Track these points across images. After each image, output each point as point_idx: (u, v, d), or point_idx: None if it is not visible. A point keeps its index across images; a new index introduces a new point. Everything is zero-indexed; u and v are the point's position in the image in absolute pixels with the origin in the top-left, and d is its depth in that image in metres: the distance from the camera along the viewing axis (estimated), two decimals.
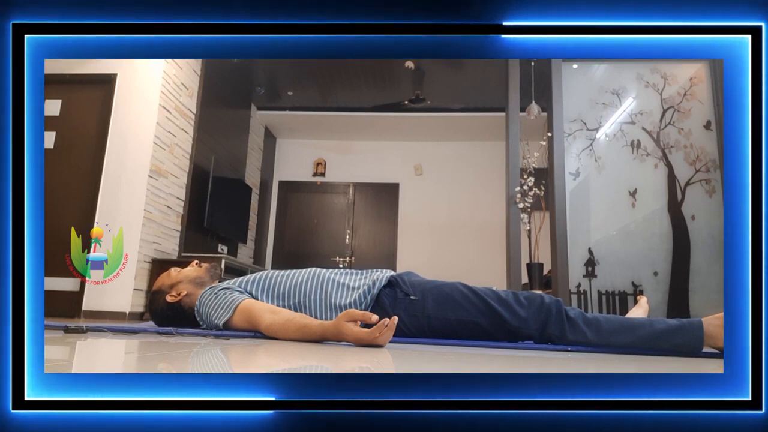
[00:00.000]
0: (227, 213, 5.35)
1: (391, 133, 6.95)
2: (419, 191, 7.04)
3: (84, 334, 1.58)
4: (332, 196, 7.22)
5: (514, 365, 1.15)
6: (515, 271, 3.62)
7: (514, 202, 3.73)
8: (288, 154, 7.28)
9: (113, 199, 3.98)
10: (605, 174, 3.61)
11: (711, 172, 3.54)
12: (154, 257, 4.15)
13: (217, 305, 1.59)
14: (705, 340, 1.38)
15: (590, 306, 3.43)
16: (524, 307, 1.54)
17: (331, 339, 1.37)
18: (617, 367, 1.15)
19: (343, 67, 5.43)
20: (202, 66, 4.85)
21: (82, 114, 4.17)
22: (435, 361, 1.17)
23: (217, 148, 5.24)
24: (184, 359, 1.09)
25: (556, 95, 3.66)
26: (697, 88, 3.65)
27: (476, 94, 5.97)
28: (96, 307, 3.79)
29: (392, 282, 1.65)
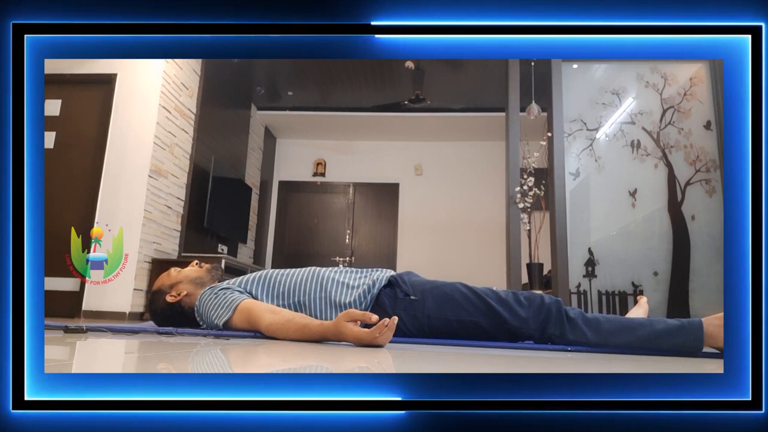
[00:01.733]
0: (227, 213, 5.35)
1: (391, 133, 6.95)
2: (419, 191, 7.04)
3: (84, 334, 1.58)
4: (332, 196, 7.22)
5: (514, 365, 1.15)
6: (515, 271, 3.62)
7: (514, 202, 3.73)
8: (288, 154, 7.28)
9: (113, 199, 3.98)
10: (605, 174, 3.61)
11: (711, 172, 3.54)
12: (154, 257, 4.15)
13: (217, 305, 1.58)
14: (705, 340, 1.38)
15: (590, 306, 3.43)
16: (524, 307, 1.54)
17: (331, 339, 1.37)
18: (617, 367, 1.15)
19: (343, 67, 5.43)
20: (202, 66, 4.85)
21: (82, 114, 4.17)
22: (434, 361, 1.17)
23: (217, 148, 5.24)
24: (184, 359, 1.09)
25: (556, 95, 3.66)
26: (697, 88, 3.65)
27: (476, 94, 5.97)
28: (96, 307, 3.79)
29: (392, 282, 1.65)
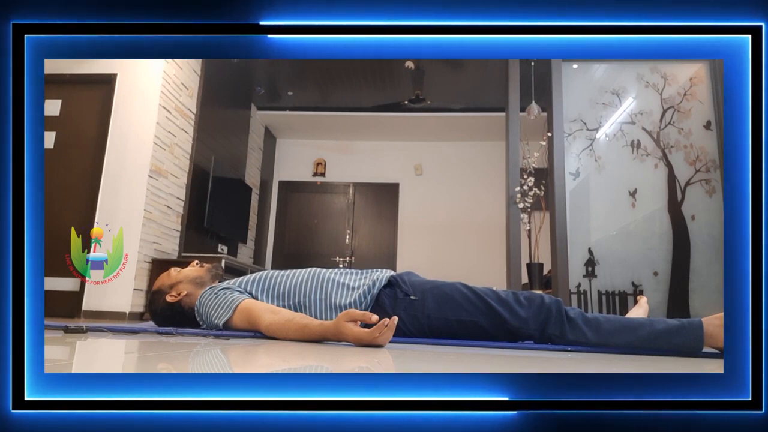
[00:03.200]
0: (227, 213, 5.35)
1: (391, 133, 6.95)
2: (419, 191, 7.04)
3: (84, 334, 1.58)
4: (332, 196, 7.22)
5: (514, 365, 1.15)
6: (515, 271, 3.62)
7: (514, 202, 3.73)
8: (288, 154, 7.28)
9: (113, 199, 3.98)
10: (605, 174, 3.61)
11: (711, 172, 3.54)
12: (154, 257, 4.15)
13: (217, 305, 1.58)
14: (705, 340, 1.38)
15: (590, 306, 3.43)
16: (524, 307, 1.54)
17: (331, 339, 1.37)
18: (617, 367, 1.15)
19: (343, 67, 5.43)
20: (202, 66, 4.85)
21: (82, 114, 4.17)
22: (435, 361, 1.17)
23: (217, 148, 5.24)
24: (184, 359, 1.09)
25: (556, 95, 3.66)
26: (697, 88, 3.65)
27: (476, 94, 5.97)
28: (96, 307, 3.79)
29: (392, 282, 1.65)
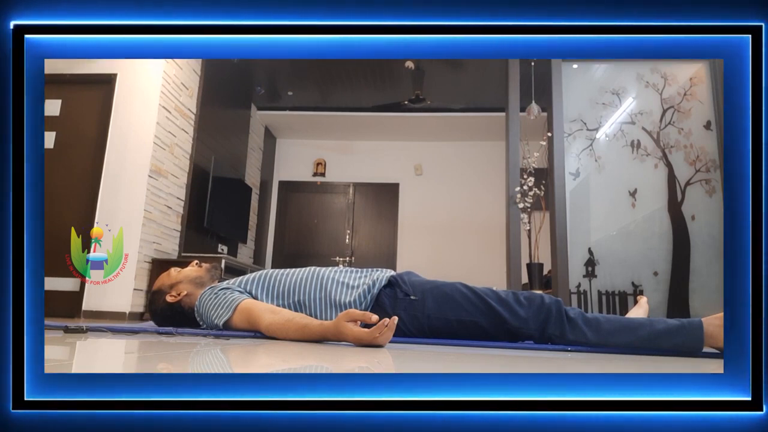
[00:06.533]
0: (227, 213, 5.35)
1: (391, 133, 6.95)
2: (419, 191, 7.04)
3: (84, 334, 1.58)
4: (332, 196, 7.22)
5: (514, 365, 1.15)
6: (515, 271, 3.62)
7: (514, 202, 3.73)
8: (288, 154, 7.28)
9: (113, 199, 3.98)
10: (605, 174, 3.60)
11: (711, 172, 3.54)
12: (154, 257, 4.15)
13: (217, 305, 1.58)
14: (705, 340, 1.38)
15: (590, 306, 3.43)
16: (524, 307, 1.54)
17: (331, 339, 1.37)
18: (617, 367, 1.15)
19: (343, 67, 5.43)
20: (202, 66, 4.85)
21: (82, 114, 4.17)
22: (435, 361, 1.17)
23: (217, 148, 5.24)
24: (184, 359, 1.09)
25: (556, 95, 3.66)
26: (697, 88, 3.65)
27: (476, 94, 5.97)
28: (96, 307, 3.79)
29: (392, 282, 1.65)
